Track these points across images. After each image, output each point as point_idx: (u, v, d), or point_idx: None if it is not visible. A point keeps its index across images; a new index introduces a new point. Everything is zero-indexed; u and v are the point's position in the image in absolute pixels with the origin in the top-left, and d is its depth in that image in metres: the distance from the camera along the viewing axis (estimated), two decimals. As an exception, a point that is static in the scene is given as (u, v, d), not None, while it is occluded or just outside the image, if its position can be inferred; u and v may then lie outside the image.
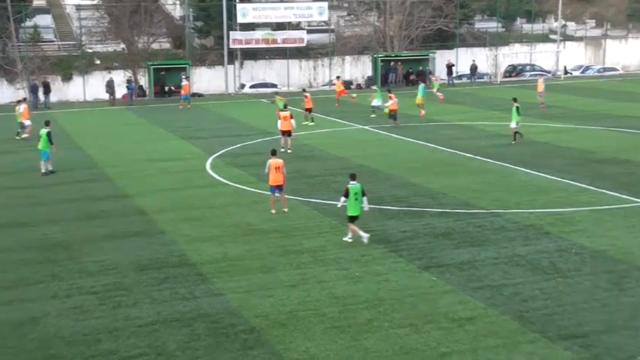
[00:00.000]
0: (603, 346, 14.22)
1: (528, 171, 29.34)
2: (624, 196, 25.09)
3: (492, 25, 77.01)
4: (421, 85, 47.34)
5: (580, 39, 79.29)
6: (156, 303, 16.83)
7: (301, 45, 66.65)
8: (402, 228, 22.05)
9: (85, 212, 24.69)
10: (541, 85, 49.22)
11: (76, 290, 17.73)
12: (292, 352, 14.34)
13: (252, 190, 27.24)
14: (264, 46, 65.86)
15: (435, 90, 53.06)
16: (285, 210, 23.95)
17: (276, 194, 23.96)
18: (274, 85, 65.35)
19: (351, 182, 20.80)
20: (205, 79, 65.41)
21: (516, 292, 16.94)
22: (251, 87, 64.31)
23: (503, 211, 23.62)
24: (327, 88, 65.78)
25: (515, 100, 35.98)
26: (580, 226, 21.95)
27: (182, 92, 53.38)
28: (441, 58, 68.11)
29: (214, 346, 14.66)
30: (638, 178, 27.79)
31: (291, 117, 34.49)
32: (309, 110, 43.51)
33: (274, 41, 65.52)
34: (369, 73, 68.08)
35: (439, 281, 17.71)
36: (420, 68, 66.37)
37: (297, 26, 70.46)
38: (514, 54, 74.59)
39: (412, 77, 66.15)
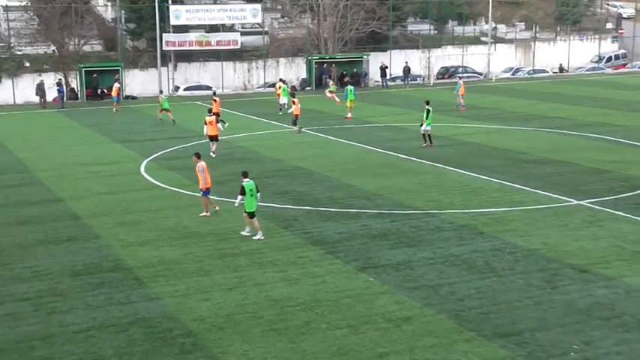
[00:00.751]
0: (537, 343, 14.51)
1: (462, 172, 29.76)
2: (555, 196, 25.65)
3: (425, 28, 77.91)
4: (349, 87, 47.11)
5: (510, 41, 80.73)
6: (91, 308, 16.56)
7: (235, 47, 66.35)
8: (339, 229, 22.14)
9: (16, 217, 24.15)
10: (462, 89, 49.68)
11: (8, 297, 17.33)
12: (230, 355, 14.26)
13: (188, 193, 27.03)
14: (197, 48, 65.36)
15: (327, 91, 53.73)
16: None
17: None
18: (209, 88, 64.89)
19: (245, 180, 21.26)
20: (138, 82, 64.54)
21: (452, 291, 17.16)
22: (185, 89, 63.76)
23: (438, 212, 23.91)
24: (262, 90, 65.65)
25: (427, 102, 35.90)
26: (513, 225, 22.35)
27: (112, 94, 53.09)
28: (374, 60, 68.60)
29: (151, 351, 14.49)
30: (568, 177, 28.45)
31: (217, 121, 34.38)
32: (217, 115, 43.28)
33: (208, 43, 65.08)
34: (304, 75, 68.17)
35: (376, 282, 17.82)
36: (355, 70, 66.77)
37: (230, 28, 70.14)
38: (446, 56, 75.59)
39: (347, 79, 66.47)
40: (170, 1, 65.02)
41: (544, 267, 18.69)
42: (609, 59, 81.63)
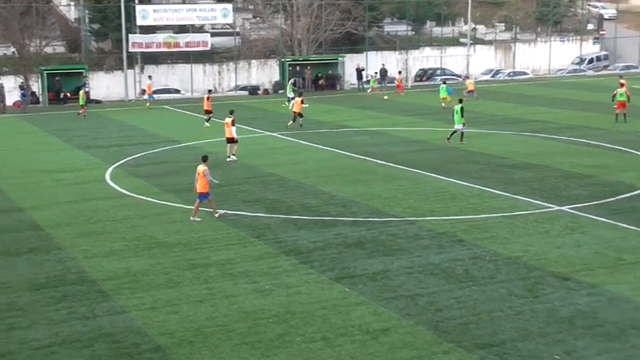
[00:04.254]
0: (519, 354, 14.57)
1: (441, 177, 29.88)
2: (536, 202, 25.82)
3: (402, 29, 78.28)
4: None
5: (490, 42, 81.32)
6: (53, 323, 16.40)
7: (205, 49, 66.25)
8: (313, 238, 22.13)
9: (-26, 228, 23.89)
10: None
11: (-35, 312, 17.12)
12: (201, 371, 14.19)
13: (156, 201, 26.90)
14: (165, 50, 65.16)
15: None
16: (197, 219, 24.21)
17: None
18: (177, 91, 64.72)
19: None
20: (103, 85, 64.16)
21: (431, 301, 17.20)
22: (142, 93, 63.41)
23: (417, 219, 23.98)
24: (233, 93, 65.57)
25: (460, 101, 37.75)
26: (493, 232, 22.47)
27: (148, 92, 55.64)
28: (350, 62, 68.80)
29: (117, 368, 14.38)
30: (549, 183, 28.66)
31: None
32: (209, 112, 45.39)
33: (176, 45, 64.90)
34: (277, 77, 68.17)
35: (352, 292, 17.83)
36: (330, 72, 66.90)
37: (200, 29, 70.00)
38: (424, 58, 75.97)
39: (321, 81, 66.61)
40: (137, 1, 64.75)
41: (525, 275, 18.79)
42: (590, 61, 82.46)
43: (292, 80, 56.85)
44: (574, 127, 42.31)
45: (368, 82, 62.85)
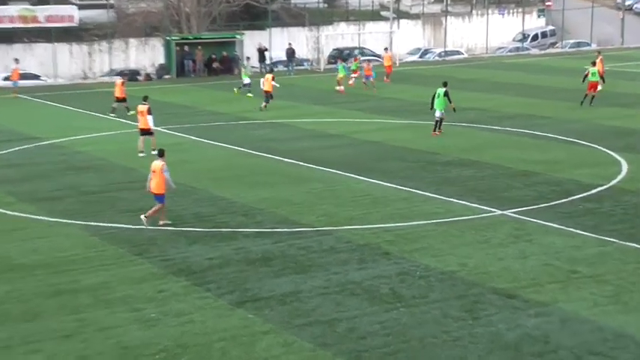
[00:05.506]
0: (457, 387, 14.71)
1: (361, 178, 30.04)
2: (474, 205, 26.18)
3: (312, 1, 78.57)
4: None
5: (417, 16, 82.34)
6: None
7: (71, 24, 65.27)
8: (209, 254, 21.96)
9: None
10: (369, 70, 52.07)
11: None
12: (70, 422, 13.87)
13: (11, 213, 26.32)
14: (20, 25, 63.91)
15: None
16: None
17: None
18: (36, 77, 63.40)
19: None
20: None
21: (352, 327, 17.22)
22: (5, 79, 61.98)
23: (333, 229, 24.03)
24: (107, 79, 64.69)
25: (444, 84, 38.38)
26: (424, 242, 22.67)
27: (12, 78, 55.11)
28: (250, 41, 68.70)
29: (-36, 422, 13.94)
30: (489, 182, 29.11)
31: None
32: (122, 100, 45.70)
33: (34, 19, 63.78)
34: (161, 60, 67.56)
35: (256, 319, 17.74)
36: (225, 53, 66.65)
37: (64, 1, 68.85)
38: (339, 35, 76.42)
39: (216, 65, 66.28)
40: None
41: (463, 293, 18.99)
42: (535, 37, 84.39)
43: (247, 61, 57.11)
44: (516, 115, 43.17)
45: (348, 68, 57.62)
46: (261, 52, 66.70)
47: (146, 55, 69.48)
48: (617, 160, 31.99)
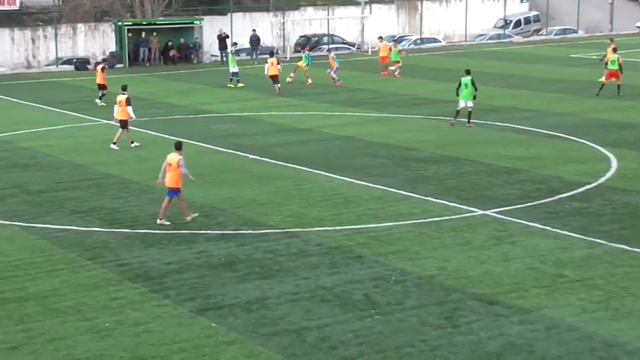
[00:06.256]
0: (436, 400, 14.85)
1: (332, 176, 30.12)
2: (453, 204, 26.34)
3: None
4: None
5: (391, 1, 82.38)
6: None
7: (12, 8, 64.84)
8: (167, 259, 21.96)
9: None
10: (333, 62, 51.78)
11: None
12: None
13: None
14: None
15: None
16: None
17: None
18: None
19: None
20: None
21: (323, 336, 17.30)
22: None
23: (302, 230, 24.10)
24: (53, 68, 64.32)
25: (467, 72, 39.12)
26: (400, 245, 22.78)
27: None
28: (210, 27, 68.53)
29: None
30: (470, 180, 29.27)
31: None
32: (103, 87, 45.63)
33: (-31, 2, 63.33)
34: (112, 47, 67.25)
35: (220, 328, 17.77)
36: (182, 40, 66.45)
37: (5, -19, 68.49)
38: (307, 21, 76.37)
39: (173, 53, 66.09)
40: None
41: (442, 299, 19.12)
42: (518, 24, 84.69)
43: (234, 47, 57.23)
44: (498, 108, 43.40)
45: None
46: (222, 39, 66.47)
47: (96, 42, 69.03)
48: (606, 155, 32.28)
